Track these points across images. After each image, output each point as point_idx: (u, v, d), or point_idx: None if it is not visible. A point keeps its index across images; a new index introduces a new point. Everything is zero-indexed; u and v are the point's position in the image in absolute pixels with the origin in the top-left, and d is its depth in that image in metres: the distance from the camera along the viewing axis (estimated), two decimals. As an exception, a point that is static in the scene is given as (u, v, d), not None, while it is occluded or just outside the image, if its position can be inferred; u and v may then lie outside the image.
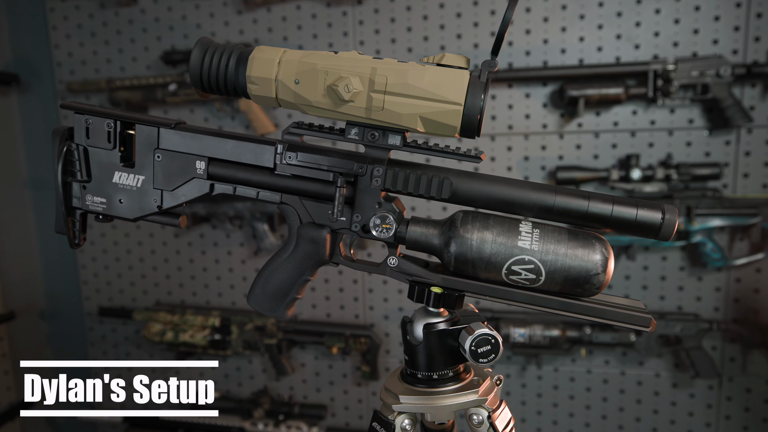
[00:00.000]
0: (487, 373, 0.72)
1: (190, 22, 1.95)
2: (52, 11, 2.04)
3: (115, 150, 0.72)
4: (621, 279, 1.82)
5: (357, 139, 0.66)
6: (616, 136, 1.75)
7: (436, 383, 0.69)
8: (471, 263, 0.63)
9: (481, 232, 0.63)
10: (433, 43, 1.80)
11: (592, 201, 0.62)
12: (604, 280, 0.62)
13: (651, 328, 0.63)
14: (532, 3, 1.73)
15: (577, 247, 0.62)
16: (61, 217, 0.76)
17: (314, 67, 0.62)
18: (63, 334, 2.27)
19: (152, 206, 0.73)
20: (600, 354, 1.87)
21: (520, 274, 0.63)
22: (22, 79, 2.08)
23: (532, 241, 0.62)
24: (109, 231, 2.14)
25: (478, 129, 0.61)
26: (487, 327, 0.66)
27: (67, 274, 2.22)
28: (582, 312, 0.64)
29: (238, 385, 2.16)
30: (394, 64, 0.62)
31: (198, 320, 2.02)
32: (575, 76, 1.68)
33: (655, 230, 0.62)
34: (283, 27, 1.90)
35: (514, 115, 1.80)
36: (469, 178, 0.65)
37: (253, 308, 0.73)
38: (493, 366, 1.93)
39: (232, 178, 0.70)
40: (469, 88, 0.60)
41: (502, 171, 1.83)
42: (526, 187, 0.64)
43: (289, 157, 0.67)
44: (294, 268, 0.70)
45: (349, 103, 0.62)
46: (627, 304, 0.66)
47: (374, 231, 0.66)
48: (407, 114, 0.61)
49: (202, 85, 0.67)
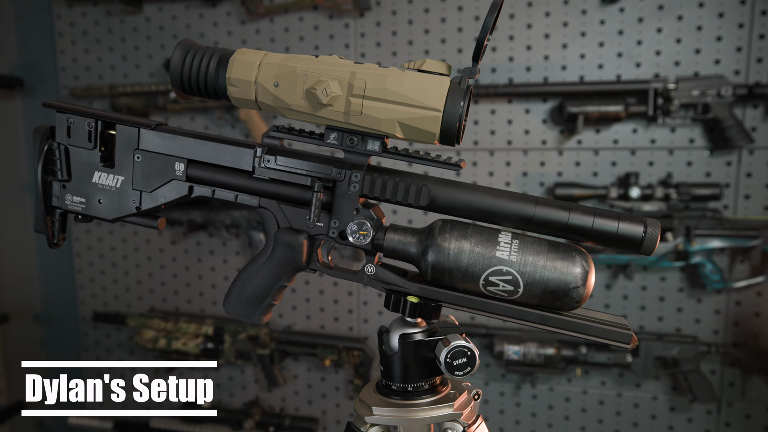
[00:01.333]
0: (465, 387, 0.70)
1: (194, 31, 1.97)
2: (59, 17, 2.06)
3: (96, 150, 0.72)
4: (619, 299, 1.80)
5: (336, 144, 0.65)
6: (616, 154, 1.74)
7: (410, 395, 0.67)
8: (448, 273, 0.62)
9: (458, 242, 0.62)
10: (433, 56, 1.80)
11: (572, 212, 0.61)
12: (584, 293, 0.61)
13: (631, 345, 0.61)
14: (534, 19, 1.73)
15: (556, 259, 0.60)
16: (40, 216, 0.75)
17: (293, 71, 0.61)
18: (57, 337, 2.27)
19: (131, 207, 0.72)
20: (596, 374, 1.84)
21: (498, 285, 0.61)
22: (27, 83, 2.11)
23: (510, 252, 0.61)
24: (107, 236, 2.15)
25: (457, 136, 0.60)
26: (464, 339, 0.64)
27: (64, 277, 2.22)
28: (560, 326, 0.62)
29: (230, 395, 2.14)
30: (373, 68, 0.61)
31: (191, 328, 2.01)
32: (575, 93, 1.68)
33: (636, 244, 0.60)
34: (286, 38, 1.91)
35: (514, 131, 1.79)
36: (449, 187, 0.64)
37: (228, 314, 0.72)
38: (473, 380, 1.90)
39: (210, 181, 0.70)
40: (449, 94, 0.59)
41: (500, 186, 1.80)
42: (506, 196, 0.63)
43: (268, 160, 0.67)
44: (270, 273, 0.69)
45: (327, 107, 0.61)
46: (609, 320, 0.64)
47: (351, 237, 0.64)
48: (386, 119, 0.61)
49: (183, 86, 0.67)
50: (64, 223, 0.77)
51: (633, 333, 0.62)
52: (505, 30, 1.75)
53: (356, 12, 1.83)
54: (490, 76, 1.77)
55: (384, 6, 1.82)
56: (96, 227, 2.13)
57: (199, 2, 1.94)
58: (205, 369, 2.13)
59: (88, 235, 2.16)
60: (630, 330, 0.62)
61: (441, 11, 1.78)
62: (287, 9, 1.87)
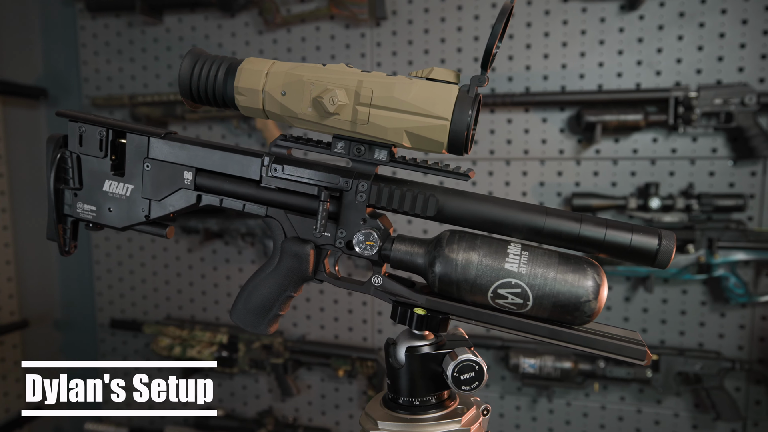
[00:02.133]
0: (474, 402, 0.68)
1: (213, 41, 1.99)
2: (83, 29, 2.11)
3: (107, 158, 0.72)
4: (638, 312, 1.75)
5: (343, 153, 0.64)
6: (636, 164, 1.70)
7: (417, 410, 0.65)
8: (456, 285, 0.61)
9: (466, 253, 0.60)
10: (449, 65, 1.80)
11: (584, 224, 0.59)
12: (596, 307, 0.59)
13: (646, 361, 0.59)
14: (551, 27, 1.71)
15: (567, 271, 0.59)
16: (52, 223, 0.76)
17: (300, 79, 0.61)
18: (75, 344, 2.29)
19: (140, 216, 0.73)
20: (615, 389, 1.79)
21: (507, 298, 0.60)
22: (51, 93, 2.15)
23: (519, 264, 0.59)
24: (125, 244, 2.17)
25: (465, 145, 0.59)
26: (471, 353, 0.63)
27: (83, 284, 2.25)
28: (571, 341, 0.60)
29: (243, 404, 2.14)
30: (381, 77, 0.60)
31: (206, 336, 2.02)
32: (593, 102, 1.65)
33: (651, 257, 0.58)
34: (302, 47, 1.92)
35: (531, 140, 1.77)
36: (458, 197, 0.63)
37: (235, 323, 0.71)
38: (488, 393, 1.86)
39: (218, 190, 0.70)
40: (457, 102, 0.58)
41: (517, 196, 1.79)
42: (516, 207, 0.61)
43: (275, 169, 0.66)
44: (277, 283, 0.68)
45: (334, 116, 0.61)
46: (622, 335, 0.62)
47: (357, 248, 0.64)
48: (392, 128, 0.60)
49: (192, 95, 0.67)
50: (75, 231, 0.78)
51: (647, 349, 0.60)
52: (522, 38, 1.73)
53: (372, 21, 1.83)
54: (507, 85, 1.76)
55: (400, 15, 1.82)
56: (115, 235, 2.16)
57: (217, 13, 1.97)
58: (220, 375, 2.13)
59: (107, 242, 2.19)
60: (644, 346, 0.60)
61: (457, 20, 1.78)
62: (304, 19, 1.88)
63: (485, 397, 1.89)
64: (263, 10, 1.85)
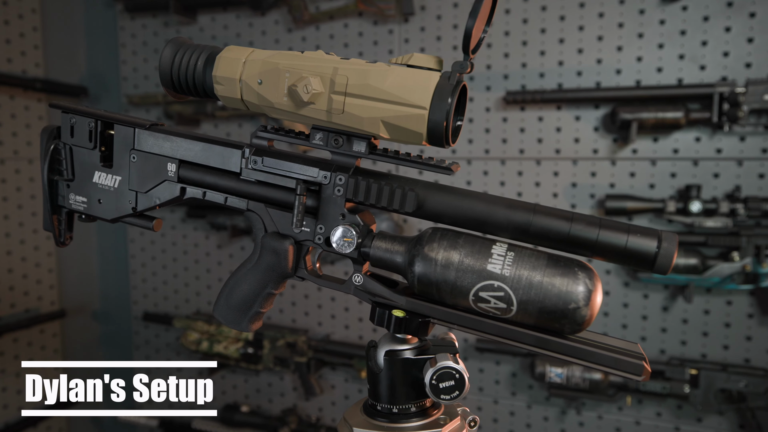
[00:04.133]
0: (459, 413, 0.63)
1: (244, 39, 2.01)
2: (123, 29, 2.17)
3: (96, 150, 0.72)
4: (677, 323, 1.64)
5: (321, 144, 0.61)
6: (676, 165, 1.60)
7: (396, 418, 0.61)
8: (435, 286, 0.57)
9: (447, 252, 0.56)
10: (479, 61, 1.74)
11: (575, 223, 0.54)
12: (587, 315, 0.53)
13: (643, 377, 0.53)
14: (586, 21, 1.63)
15: (555, 275, 0.53)
16: (47, 214, 0.76)
17: (276, 67, 0.59)
18: (112, 335, 2.37)
19: (128, 208, 0.72)
20: (650, 404, 1.69)
21: (489, 302, 0.55)
22: (93, 91, 2.23)
23: (503, 266, 0.54)
24: (158, 239, 2.22)
25: (446, 136, 0.55)
26: (452, 360, 0.58)
27: (120, 278, 2.32)
28: (561, 351, 0.55)
29: (268, 401, 2.14)
30: (358, 64, 0.57)
31: (232, 332, 2.03)
32: (630, 98, 1.56)
33: (649, 261, 0.52)
34: (330, 45, 1.91)
35: (563, 139, 1.69)
36: (441, 192, 0.59)
37: (216, 319, 0.70)
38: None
39: (200, 182, 0.68)
40: (436, 90, 0.54)
41: (547, 197, 1.72)
42: (501, 203, 0.57)
43: (255, 162, 0.64)
44: (257, 279, 0.66)
45: (309, 105, 0.58)
46: (620, 347, 0.56)
47: (335, 245, 0.60)
48: (368, 118, 0.56)
49: (173, 84, 0.65)
50: (70, 222, 0.78)
51: (646, 364, 0.54)
52: (555, 32, 1.66)
53: (400, 17, 1.80)
54: (538, 81, 1.69)
55: (429, 11, 1.78)
56: (149, 231, 2.21)
57: (248, 11, 1.98)
58: (246, 372, 2.15)
59: (141, 237, 2.25)
60: (642, 360, 0.54)
61: (487, 15, 1.72)
62: (332, 16, 1.87)
63: (511, 405, 1.82)
64: (292, 7, 1.85)
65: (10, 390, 2.00)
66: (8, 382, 1.99)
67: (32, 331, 2.07)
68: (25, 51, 2.01)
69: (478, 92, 1.75)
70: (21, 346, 2.03)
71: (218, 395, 2.20)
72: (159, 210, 0.73)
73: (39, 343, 2.10)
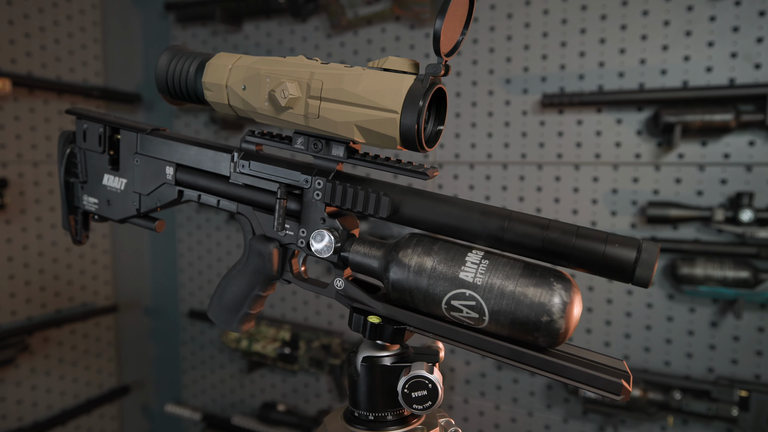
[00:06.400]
0: (439, 424, 0.62)
1: (286, 46, 2.05)
2: (175, 39, 2.28)
3: (105, 153, 0.76)
4: (727, 339, 1.53)
5: (303, 149, 0.62)
6: (727, 171, 1.49)
7: (373, 425, 0.61)
8: (409, 293, 0.56)
9: (420, 258, 0.55)
10: (516, 64, 1.70)
11: (549, 231, 0.52)
12: (562, 327, 0.50)
13: (621, 397, 0.50)
14: (629, 19, 1.55)
15: (528, 285, 0.51)
16: (64, 214, 0.81)
17: (258, 73, 0.60)
18: (161, 330, 2.48)
19: (132, 209, 0.75)
20: (696, 425, 1.58)
21: (462, 311, 0.53)
22: (147, 98, 2.35)
23: (476, 274, 0.53)
24: (204, 240, 2.31)
25: (419, 141, 0.54)
26: (426, 369, 0.57)
27: (170, 276, 2.42)
28: (535, 365, 0.52)
29: (305, 401, 2.17)
30: (334, 68, 0.57)
31: (270, 332, 2.08)
32: (675, 100, 1.47)
33: (627, 272, 0.49)
34: (368, 50, 1.92)
35: (603, 143, 1.62)
36: (416, 197, 0.58)
37: (210, 318, 0.71)
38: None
39: (195, 185, 0.70)
40: (408, 94, 0.53)
41: (586, 204, 1.65)
42: (475, 210, 0.55)
43: (242, 165, 0.65)
44: (245, 281, 0.67)
45: (288, 110, 0.58)
46: (603, 363, 0.53)
47: (313, 248, 0.61)
48: (342, 122, 0.56)
49: (169, 91, 0.68)
50: (86, 222, 0.83)
51: (625, 383, 0.50)
52: (596, 32, 1.59)
53: (436, 21, 1.78)
54: (578, 84, 1.63)
55: (465, 13, 1.75)
56: (196, 230, 2.31)
57: (290, 18, 2.03)
58: (283, 371, 2.19)
59: (189, 237, 2.34)
60: (622, 379, 0.50)
61: (525, 16, 1.68)
62: (370, 21, 1.88)
63: (547, 419, 1.75)
64: (329, 13, 1.88)
65: (68, 378, 2.13)
66: (65, 370, 2.12)
67: (88, 323, 2.20)
68: (86, 61, 2.15)
69: (514, 95, 1.71)
70: (78, 337, 2.17)
71: (257, 393, 2.26)
72: (162, 211, 0.76)
73: (94, 335, 2.23)
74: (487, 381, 1.84)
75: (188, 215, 2.33)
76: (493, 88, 1.74)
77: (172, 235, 2.39)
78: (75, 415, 2.13)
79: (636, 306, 1.62)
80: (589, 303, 1.68)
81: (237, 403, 2.32)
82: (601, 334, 1.67)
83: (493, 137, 1.75)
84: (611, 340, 1.66)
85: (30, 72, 1.95)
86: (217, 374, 2.35)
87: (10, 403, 1.95)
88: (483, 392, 1.84)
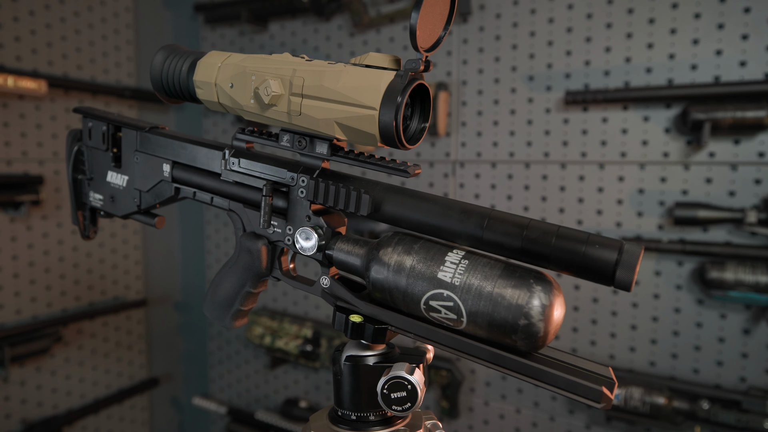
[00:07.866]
0: (424, 425, 0.61)
1: (310, 45, 2.07)
2: (204, 39, 2.33)
3: (108, 151, 0.78)
4: (761, 348, 1.46)
5: (288, 146, 0.62)
6: (761, 170, 1.42)
7: (355, 425, 0.60)
8: (389, 292, 0.55)
9: (400, 257, 0.54)
10: (539, 60, 1.66)
11: (529, 231, 0.50)
12: (541, 331, 0.48)
13: (602, 404, 0.48)
14: (657, 13, 1.50)
15: (506, 286, 0.49)
16: (73, 210, 0.84)
17: (244, 70, 0.60)
18: (190, 324, 2.54)
19: (133, 206, 0.77)
20: (726, 437, 1.51)
21: (440, 312, 0.52)
22: (178, 98, 2.40)
23: (454, 274, 0.51)
24: (231, 237, 2.35)
25: (398, 138, 0.53)
26: (407, 370, 0.56)
27: (198, 272, 2.48)
28: (514, 369, 0.51)
29: (326, 398, 2.19)
30: (317, 65, 0.57)
31: (293, 329, 2.10)
32: (705, 96, 1.41)
33: (607, 274, 0.47)
34: (391, 48, 1.91)
35: (629, 141, 1.56)
36: (399, 195, 0.57)
37: (205, 314, 0.72)
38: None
39: (190, 182, 0.71)
40: (387, 90, 0.52)
41: (611, 204, 1.60)
42: (455, 208, 0.54)
43: (233, 163, 0.66)
44: (236, 278, 0.68)
45: (272, 107, 0.58)
46: (587, 369, 0.51)
47: (297, 246, 0.60)
48: (323, 119, 0.56)
49: (164, 89, 0.69)
50: (94, 218, 0.85)
51: (607, 391, 0.48)
52: (622, 27, 1.54)
53: (458, 18, 1.76)
54: (603, 80, 1.58)
55: (488, 10, 1.72)
56: (223, 227, 2.35)
57: (314, 18, 2.04)
58: (306, 368, 2.21)
59: (216, 234, 2.39)
60: (603, 387, 0.48)
61: (548, 11, 1.64)
62: (393, 18, 1.87)
63: (569, 424, 1.71)
64: (351, 11, 1.88)
65: (100, 369, 2.21)
66: (98, 361, 2.20)
67: (119, 317, 2.27)
68: (119, 63, 2.21)
69: (537, 93, 1.67)
70: (110, 329, 2.24)
71: (280, 389, 2.28)
72: (162, 208, 0.78)
73: (125, 328, 2.31)
74: (508, 384, 1.80)
75: (215, 212, 2.37)
76: (515, 85, 1.70)
77: (200, 232, 2.44)
78: (107, 405, 2.20)
79: (663, 311, 1.56)
80: (614, 307, 1.62)
81: (261, 398, 2.35)
82: (626, 339, 1.61)
83: (515, 135, 1.72)
84: (636, 345, 1.60)
85: (66, 73, 2.02)
86: (242, 369, 2.39)
87: (45, 391, 2.03)
88: (504, 395, 1.81)
